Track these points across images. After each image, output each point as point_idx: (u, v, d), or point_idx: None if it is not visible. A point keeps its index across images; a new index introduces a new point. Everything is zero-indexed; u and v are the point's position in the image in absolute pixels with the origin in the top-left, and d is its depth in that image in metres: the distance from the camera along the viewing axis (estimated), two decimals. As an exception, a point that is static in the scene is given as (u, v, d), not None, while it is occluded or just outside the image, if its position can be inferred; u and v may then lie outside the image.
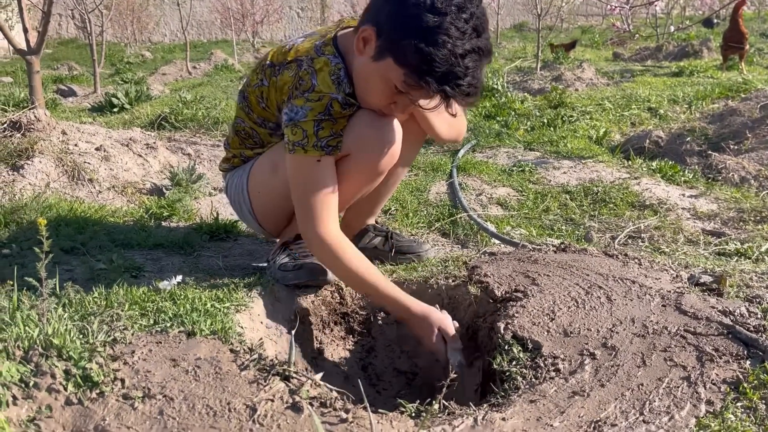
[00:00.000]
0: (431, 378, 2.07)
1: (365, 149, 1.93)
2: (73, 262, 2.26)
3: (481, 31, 1.70)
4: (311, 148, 1.85)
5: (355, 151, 1.93)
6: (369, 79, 1.83)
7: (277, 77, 1.92)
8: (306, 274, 2.09)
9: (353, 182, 2.02)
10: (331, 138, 1.87)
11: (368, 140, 1.92)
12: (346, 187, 2.00)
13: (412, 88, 1.73)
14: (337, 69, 1.85)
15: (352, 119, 1.92)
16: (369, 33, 1.76)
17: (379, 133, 1.93)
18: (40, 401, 1.28)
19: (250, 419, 1.22)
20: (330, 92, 1.83)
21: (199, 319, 1.68)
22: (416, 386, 2.08)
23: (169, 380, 1.36)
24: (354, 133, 1.91)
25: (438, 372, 2.01)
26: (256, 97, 2.02)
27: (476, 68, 1.69)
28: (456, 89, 1.67)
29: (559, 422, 1.27)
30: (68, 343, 1.43)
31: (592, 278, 1.98)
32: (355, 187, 2.05)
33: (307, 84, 1.84)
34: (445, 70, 1.65)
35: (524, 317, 1.75)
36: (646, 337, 1.59)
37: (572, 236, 2.82)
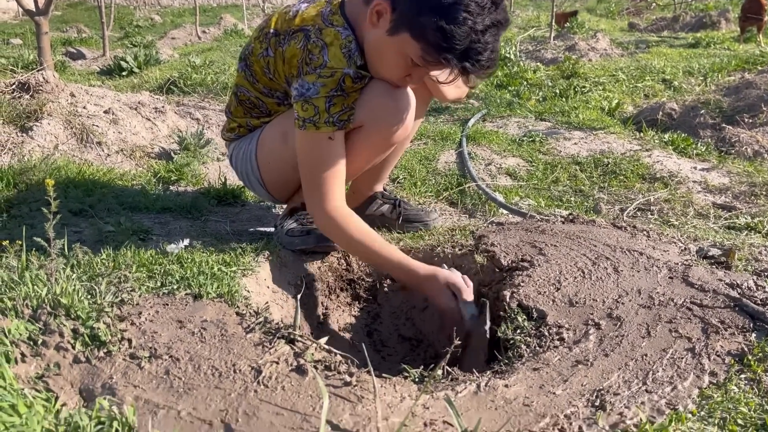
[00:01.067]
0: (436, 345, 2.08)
1: (379, 120, 1.91)
2: (81, 224, 2.27)
3: (498, 2, 1.66)
4: (323, 125, 1.82)
5: (368, 122, 1.91)
6: (383, 53, 1.80)
7: (283, 48, 1.87)
8: (313, 240, 2.09)
9: (365, 153, 2.00)
10: (343, 112, 1.85)
11: (382, 111, 1.89)
12: (357, 157, 1.98)
13: (430, 64, 1.70)
14: (348, 42, 1.81)
15: (364, 90, 1.89)
16: (383, 6, 1.72)
17: (393, 103, 1.90)
18: (48, 359, 1.29)
19: (254, 381, 1.23)
20: (342, 67, 1.80)
21: (206, 282, 1.69)
22: (421, 353, 2.09)
23: (175, 341, 1.37)
24: (367, 105, 1.88)
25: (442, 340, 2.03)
26: (261, 67, 1.98)
27: (495, 42, 1.66)
28: (476, 65, 1.64)
29: (562, 390, 1.27)
30: (76, 302, 1.45)
31: (599, 249, 1.97)
32: (367, 157, 2.03)
33: (319, 60, 1.80)
34: (466, 46, 1.61)
35: (530, 286, 1.75)
36: (651, 309, 1.58)
37: (581, 208, 2.80)
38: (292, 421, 1.11)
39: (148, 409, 1.15)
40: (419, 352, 2.09)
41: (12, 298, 1.45)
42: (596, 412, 1.19)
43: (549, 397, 1.25)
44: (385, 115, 1.90)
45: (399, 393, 1.23)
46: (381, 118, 1.90)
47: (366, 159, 2.06)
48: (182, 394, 1.19)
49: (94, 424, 1.09)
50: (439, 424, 1.13)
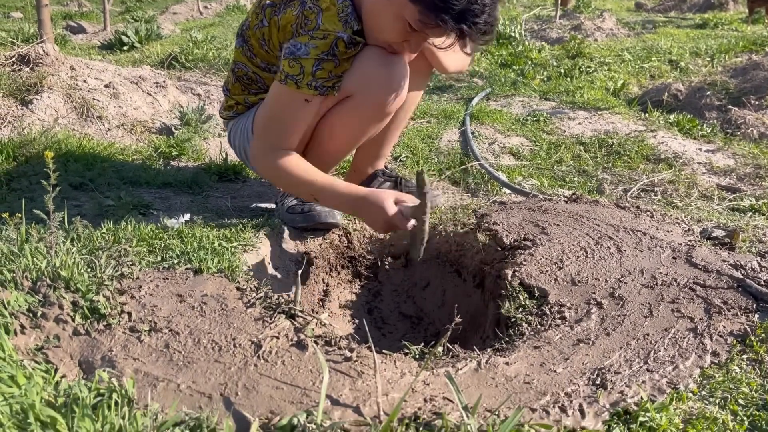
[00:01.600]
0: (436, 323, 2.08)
1: (370, 89, 1.87)
2: (81, 198, 2.26)
3: None
4: (305, 86, 1.78)
5: (360, 90, 1.87)
6: (381, 17, 1.77)
7: (279, 16, 1.83)
8: (314, 218, 2.08)
9: (358, 124, 1.97)
10: (328, 80, 1.80)
11: (375, 79, 1.86)
12: (350, 129, 1.96)
13: (427, 27, 1.67)
14: (344, 7, 1.78)
15: (357, 58, 1.84)
16: None
17: (386, 71, 1.86)
18: (48, 331, 1.29)
19: (254, 355, 1.23)
20: (336, 30, 1.76)
21: (206, 257, 1.69)
22: (421, 331, 2.09)
23: (175, 315, 1.37)
24: (360, 72, 1.84)
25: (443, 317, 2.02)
26: (257, 40, 1.94)
27: (493, 5, 1.63)
28: (473, 27, 1.61)
29: (563, 368, 1.27)
30: (76, 275, 1.44)
31: (602, 229, 1.95)
32: (360, 128, 1.99)
33: (312, 23, 1.76)
34: (462, 7, 1.59)
35: (532, 265, 1.74)
36: (654, 288, 1.57)
37: (584, 188, 2.78)
38: (291, 395, 1.11)
39: (148, 382, 1.15)
40: (420, 329, 2.09)
41: (11, 270, 1.44)
42: (597, 391, 1.19)
43: (550, 375, 1.24)
44: (377, 83, 1.86)
45: (399, 369, 1.23)
46: (372, 87, 1.86)
47: (359, 130, 2.00)
48: (182, 367, 1.19)
49: (93, 395, 1.09)
50: (439, 400, 1.12)
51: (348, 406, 1.08)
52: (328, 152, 2.01)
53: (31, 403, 1.02)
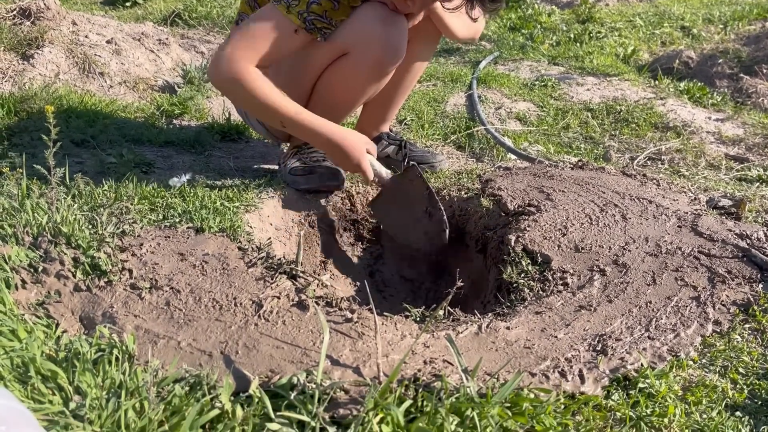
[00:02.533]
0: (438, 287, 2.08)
1: (368, 46, 1.82)
2: (83, 154, 2.24)
3: None
4: (294, 13, 1.72)
5: (357, 47, 1.82)
6: None
7: None
8: (317, 180, 2.06)
9: (357, 81, 1.92)
10: (320, 19, 1.74)
11: (372, 36, 1.80)
12: (350, 86, 1.92)
13: None
14: None
15: (356, 12, 1.80)
16: None
17: (385, 30, 1.81)
18: (49, 286, 1.29)
19: (255, 314, 1.23)
20: None
21: (208, 216, 1.68)
22: (422, 295, 2.09)
23: (176, 273, 1.36)
24: (358, 28, 1.80)
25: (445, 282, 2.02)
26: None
27: None
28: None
29: (564, 334, 1.27)
30: (77, 231, 1.43)
31: (607, 196, 1.93)
32: (360, 86, 1.95)
33: None
34: None
35: (536, 231, 1.73)
36: (658, 257, 1.56)
37: (591, 155, 2.75)
38: (292, 354, 1.11)
39: (148, 339, 1.15)
40: (421, 293, 2.08)
41: (12, 225, 1.43)
42: (597, 357, 1.19)
43: (550, 341, 1.24)
44: (374, 40, 1.81)
45: (400, 331, 1.23)
46: (369, 44, 1.82)
47: (358, 88, 1.96)
48: (182, 325, 1.19)
49: (94, 350, 1.09)
50: (439, 363, 1.12)
51: (348, 366, 1.08)
52: (328, 110, 1.98)
53: (32, 356, 1.03)
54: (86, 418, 0.94)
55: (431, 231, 1.98)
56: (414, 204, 2.02)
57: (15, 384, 0.99)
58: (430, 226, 1.98)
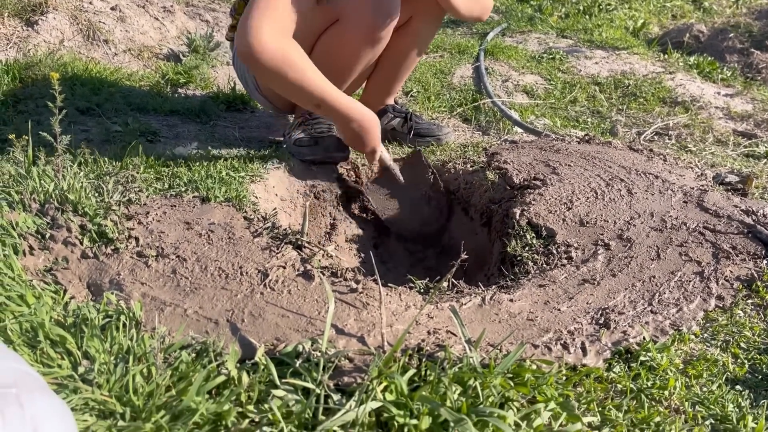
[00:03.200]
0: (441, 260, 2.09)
1: (359, 11, 1.80)
2: (88, 122, 2.23)
3: None
4: None
5: (349, 12, 1.81)
6: None
7: None
8: (321, 151, 2.06)
9: (352, 48, 1.90)
10: None
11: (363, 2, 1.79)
12: (346, 53, 1.90)
13: None
14: None
15: None
16: None
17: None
18: (56, 253, 1.30)
19: (261, 283, 1.23)
20: None
21: (214, 185, 1.68)
22: (427, 267, 2.10)
23: (182, 242, 1.37)
24: None
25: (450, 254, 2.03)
26: None
27: None
28: None
29: (567, 307, 1.28)
30: (83, 199, 1.44)
31: (614, 170, 1.93)
32: (355, 53, 1.92)
33: None
34: None
35: (541, 205, 1.73)
36: (663, 232, 1.56)
37: (597, 129, 2.73)
38: (297, 323, 1.12)
39: (155, 306, 1.16)
40: (425, 266, 2.09)
41: (19, 192, 1.44)
42: (600, 330, 1.20)
43: (553, 313, 1.25)
44: (364, 4, 1.79)
45: (404, 302, 1.24)
46: (359, 8, 1.80)
47: (354, 55, 1.93)
48: (189, 293, 1.20)
49: (102, 316, 1.10)
50: (443, 334, 1.13)
51: (352, 335, 1.10)
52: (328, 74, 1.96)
53: (41, 321, 1.04)
54: (95, 383, 0.95)
55: (427, 216, 2.00)
56: (413, 188, 2.03)
57: (24, 348, 1.00)
58: (428, 210, 1.99)
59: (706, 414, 1.04)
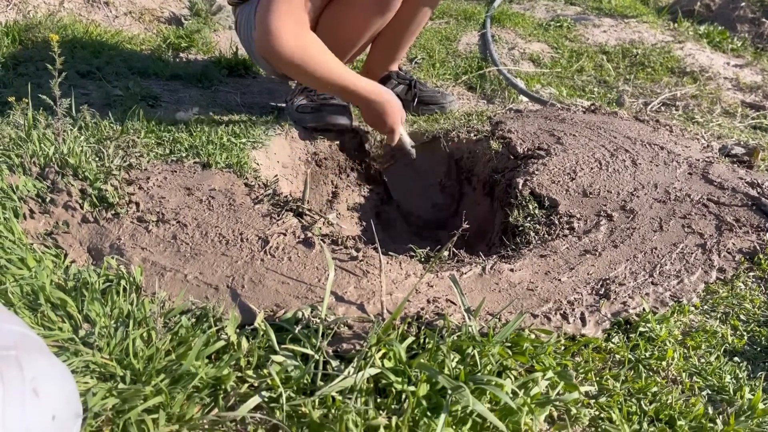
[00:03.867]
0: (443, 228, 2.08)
1: None
2: (89, 86, 2.21)
3: None
4: None
5: None
6: None
7: None
8: (324, 118, 2.04)
9: (360, 16, 1.88)
10: None
11: None
12: (354, 21, 1.87)
13: None
14: None
15: None
16: None
17: None
18: (57, 217, 1.30)
19: (261, 250, 1.23)
20: None
21: (215, 151, 1.67)
22: (428, 237, 2.10)
23: (183, 207, 1.36)
24: None
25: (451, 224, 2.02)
26: None
27: None
28: None
29: (567, 278, 1.27)
30: (84, 163, 1.43)
31: (619, 141, 1.91)
32: (363, 20, 1.90)
33: None
34: None
35: (544, 175, 1.71)
36: (667, 203, 1.55)
37: (604, 99, 2.70)
38: (297, 290, 1.12)
39: (155, 271, 1.16)
40: (427, 236, 2.09)
41: (19, 155, 1.43)
42: (600, 300, 1.20)
43: (554, 284, 1.25)
44: None
45: (404, 270, 1.23)
46: None
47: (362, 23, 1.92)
48: (189, 258, 1.20)
49: (102, 281, 1.10)
50: (443, 302, 1.14)
51: (352, 303, 1.10)
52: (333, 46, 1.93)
53: (42, 285, 1.04)
54: (95, 346, 0.96)
55: (440, 203, 2.00)
56: (429, 174, 2.02)
57: (25, 311, 1.01)
58: (441, 198, 1.99)
59: (703, 385, 1.05)
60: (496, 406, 0.91)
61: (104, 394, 0.88)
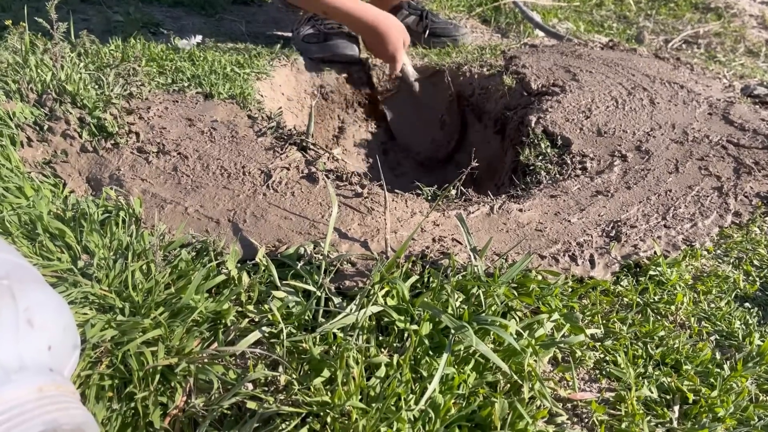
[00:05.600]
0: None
1: None
2: (88, 11, 2.14)
3: None
4: None
5: None
6: None
7: None
8: (331, 49, 1.97)
9: None
10: None
11: None
12: None
13: None
14: None
15: None
16: None
17: None
18: (55, 145, 1.26)
19: (264, 184, 1.20)
20: None
21: (218, 81, 1.61)
22: (436, 175, 2.06)
23: (184, 139, 1.33)
24: None
25: (460, 162, 1.98)
26: None
27: None
28: None
29: (577, 219, 1.24)
30: (82, 91, 1.38)
31: (637, 79, 1.83)
32: None
33: None
34: None
35: (558, 113, 1.66)
36: (684, 144, 1.50)
37: (623, 35, 2.59)
38: (300, 225, 1.10)
39: (155, 203, 1.14)
40: (435, 174, 2.05)
41: (16, 81, 1.38)
42: (610, 243, 1.17)
43: (563, 225, 1.22)
44: None
45: (410, 208, 1.20)
46: None
47: None
48: (190, 191, 1.17)
49: (101, 212, 1.08)
50: (448, 242, 1.11)
51: (356, 240, 1.07)
52: None
53: (40, 214, 1.02)
54: (94, 277, 0.94)
55: (439, 140, 1.95)
56: (430, 108, 1.97)
57: (23, 240, 0.99)
58: (440, 134, 1.94)
59: (712, 330, 1.03)
60: (499, 347, 0.89)
61: (103, 326, 0.87)
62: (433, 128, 2.04)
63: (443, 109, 2.01)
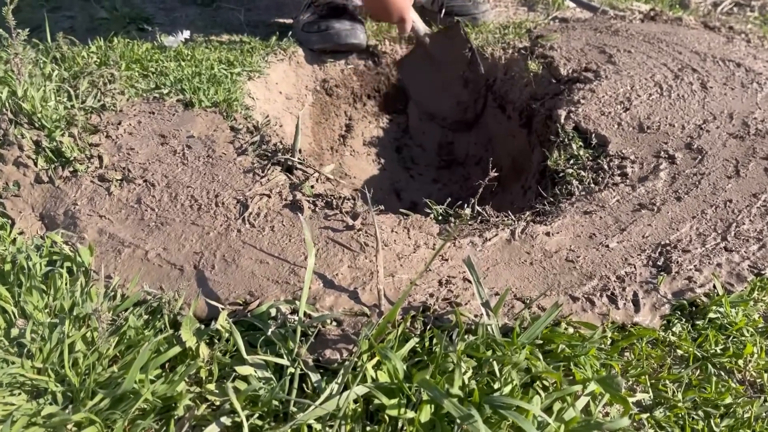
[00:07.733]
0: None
1: None
2: (74, 7, 1.97)
3: None
4: None
5: None
6: None
7: None
8: (333, 38, 1.76)
9: None
10: None
11: None
12: None
13: None
14: None
15: None
16: None
17: None
18: (6, 176, 1.10)
19: (239, 218, 1.02)
20: None
21: (202, 86, 1.43)
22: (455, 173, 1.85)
23: (153, 161, 1.15)
24: None
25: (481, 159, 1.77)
26: None
27: None
28: None
29: (617, 243, 1.03)
30: (41, 109, 1.22)
31: (684, 57, 1.58)
32: None
33: None
34: None
35: (592, 104, 1.43)
36: (744, 140, 1.26)
37: (665, 2, 2.31)
38: (277, 272, 0.91)
39: (112, 246, 0.97)
40: (453, 172, 1.84)
41: (-33, 101, 1.23)
42: (658, 275, 0.95)
43: (600, 252, 1.01)
44: None
45: (413, 240, 1.01)
46: None
47: None
48: (153, 229, 1.00)
49: (44, 262, 0.92)
50: (458, 283, 0.91)
51: (344, 289, 0.88)
52: None
53: (-30, 272, 0.86)
54: (27, 351, 0.78)
55: (465, 100, 1.72)
56: (449, 66, 1.74)
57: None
58: (464, 94, 1.71)
59: (793, 394, 0.82)
60: (519, 439, 0.70)
61: (27, 421, 0.71)
62: (457, 88, 1.81)
63: (464, 65, 1.78)
